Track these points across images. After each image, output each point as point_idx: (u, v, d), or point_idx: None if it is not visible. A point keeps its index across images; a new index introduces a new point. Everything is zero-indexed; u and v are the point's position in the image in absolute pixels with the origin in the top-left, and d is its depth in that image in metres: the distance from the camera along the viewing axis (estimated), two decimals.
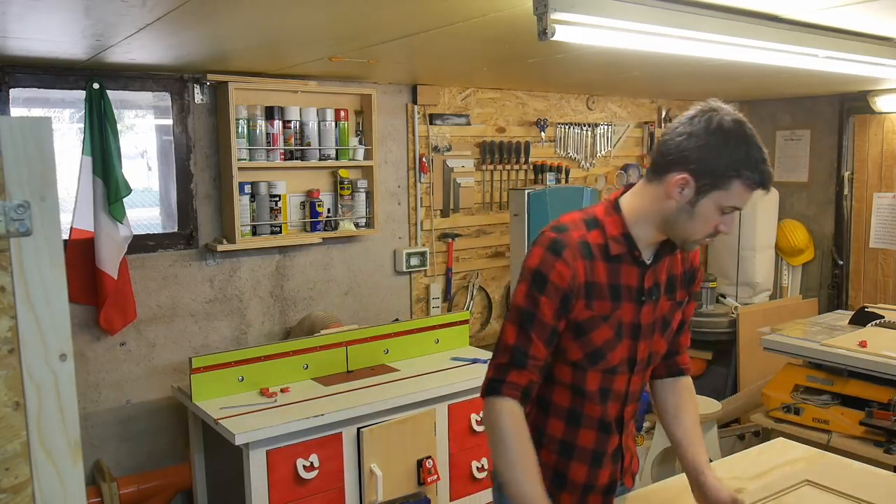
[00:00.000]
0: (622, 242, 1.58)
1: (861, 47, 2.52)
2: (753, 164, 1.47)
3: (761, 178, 1.48)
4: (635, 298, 1.61)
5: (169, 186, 3.30)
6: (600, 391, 1.65)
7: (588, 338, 1.59)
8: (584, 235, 1.57)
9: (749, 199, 1.52)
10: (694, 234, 1.55)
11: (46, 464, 0.90)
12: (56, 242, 0.89)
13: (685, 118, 1.56)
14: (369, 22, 2.17)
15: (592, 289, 1.56)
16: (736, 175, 1.47)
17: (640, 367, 1.67)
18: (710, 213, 1.51)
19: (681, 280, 1.70)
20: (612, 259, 1.58)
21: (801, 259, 5.14)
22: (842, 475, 1.85)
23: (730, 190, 1.48)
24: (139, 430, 3.20)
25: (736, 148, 1.48)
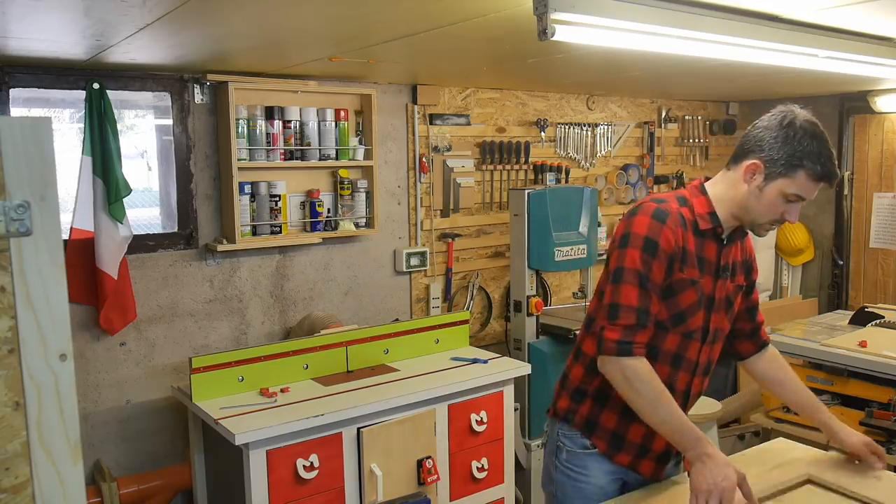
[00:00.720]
0: (708, 220, 1.79)
1: (861, 47, 2.52)
2: (817, 157, 1.67)
3: (824, 171, 1.68)
4: (714, 272, 1.81)
5: (169, 186, 3.30)
6: (674, 356, 1.80)
7: (676, 299, 1.76)
8: (679, 209, 1.78)
9: (813, 190, 1.71)
10: (761, 218, 1.75)
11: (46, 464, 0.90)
12: (56, 242, 0.89)
13: (766, 115, 1.76)
14: (369, 22, 2.17)
15: (686, 255, 1.75)
16: (800, 165, 1.67)
17: (709, 338, 1.84)
18: (776, 199, 1.71)
19: (742, 266, 1.91)
20: (700, 234, 1.78)
21: (801, 259, 5.14)
22: (843, 474, 1.86)
23: (794, 178, 1.69)
24: (139, 430, 3.20)
25: (803, 141, 1.68)
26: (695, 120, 5.08)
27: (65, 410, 0.91)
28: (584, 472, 1.89)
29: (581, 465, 1.90)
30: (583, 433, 1.90)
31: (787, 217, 1.74)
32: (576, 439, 1.91)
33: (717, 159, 5.30)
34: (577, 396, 1.93)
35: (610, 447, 1.87)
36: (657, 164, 4.92)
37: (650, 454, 1.87)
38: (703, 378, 1.91)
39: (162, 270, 3.21)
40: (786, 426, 3.26)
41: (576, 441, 1.91)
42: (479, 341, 4.13)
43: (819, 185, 1.71)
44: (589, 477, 1.89)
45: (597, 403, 1.87)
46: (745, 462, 1.96)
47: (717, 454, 1.62)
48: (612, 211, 4.71)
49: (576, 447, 1.90)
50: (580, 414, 1.90)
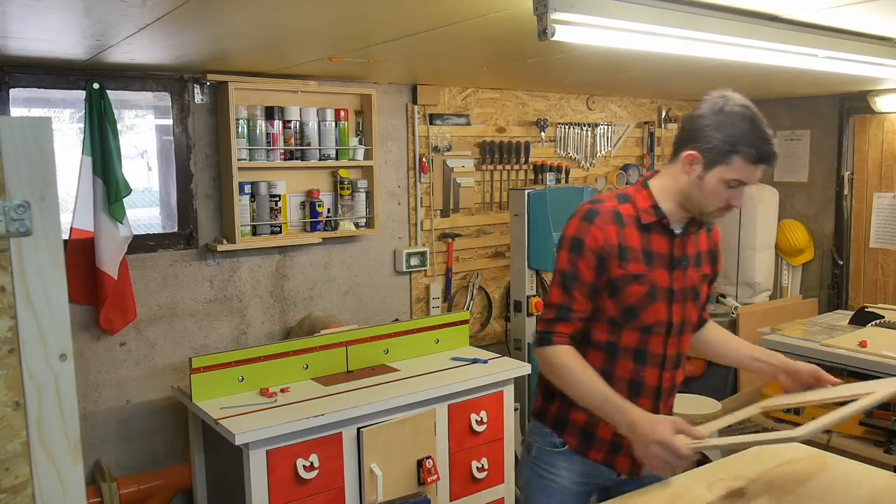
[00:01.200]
0: (651, 213, 1.79)
1: (861, 47, 2.52)
2: (752, 141, 1.66)
3: (759, 153, 1.66)
4: (667, 264, 1.81)
5: (169, 186, 3.30)
6: (636, 351, 1.81)
7: (621, 295, 1.77)
8: (617, 207, 1.79)
9: (753, 173, 1.70)
10: (707, 207, 1.75)
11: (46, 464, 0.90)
12: (56, 242, 0.89)
13: (699, 105, 1.78)
14: (369, 22, 2.17)
15: (625, 251, 1.76)
16: (735, 150, 1.67)
17: (675, 330, 1.84)
18: (718, 187, 1.71)
19: (706, 256, 1.91)
20: (644, 228, 1.79)
21: (801, 259, 5.14)
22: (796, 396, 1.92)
23: (731, 164, 1.68)
24: (139, 430, 3.20)
25: (736, 126, 1.68)
26: None
27: (65, 410, 0.91)
28: (551, 470, 1.91)
29: (548, 464, 1.91)
30: (554, 431, 1.91)
31: (732, 203, 1.74)
32: (546, 437, 1.93)
33: None
34: (547, 395, 1.95)
35: (581, 444, 1.88)
36: (657, 164, 4.92)
37: (623, 449, 1.86)
38: (675, 371, 1.90)
39: (162, 270, 3.21)
40: (786, 426, 3.26)
41: (546, 439, 1.93)
42: (479, 341, 4.13)
43: (758, 167, 1.70)
44: (555, 476, 1.90)
45: (565, 401, 1.86)
46: (745, 462, 1.96)
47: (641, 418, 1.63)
48: None
49: (545, 445, 1.92)
50: (550, 412, 1.93)
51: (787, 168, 5.24)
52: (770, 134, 1.69)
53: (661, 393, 1.88)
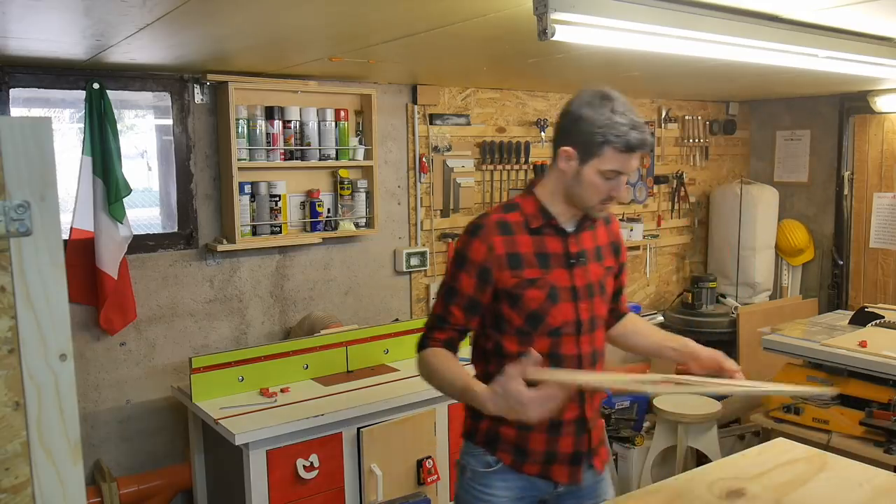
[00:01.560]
0: (539, 216, 1.80)
1: (861, 47, 2.52)
2: (619, 130, 1.66)
3: (628, 141, 1.66)
4: (565, 264, 1.81)
5: (169, 186, 3.30)
6: (550, 356, 1.79)
7: (521, 302, 1.77)
8: (503, 216, 1.80)
9: (627, 162, 1.70)
10: (589, 200, 1.76)
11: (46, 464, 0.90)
12: (56, 242, 0.89)
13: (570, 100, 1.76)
14: (369, 22, 2.17)
15: (515, 259, 1.76)
16: (605, 142, 1.67)
17: (585, 328, 1.83)
18: (595, 180, 1.72)
19: (608, 249, 1.93)
20: (535, 231, 1.79)
21: (801, 259, 5.14)
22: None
23: (603, 156, 1.69)
24: (139, 430, 3.20)
25: (603, 117, 1.67)
26: (695, 120, 5.08)
27: (65, 410, 0.91)
28: (487, 491, 1.85)
29: (484, 485, 1.85)
30: (486, 449, 1.86)
31: (613, 194, 1.74)
32: (479, 457, 1.86)
33: (716, 159, 5.30)
34: (475, 413, 1.87)
35: (515, 459, 1.83)
36: (657, 164, 4.92)
37: (558, 458, 1.83)
38: (594, 370, 1.87)
39: (162, 270, 3.21)
40: (786, 426, 3.26)
41: (479, 459, 1.86)
42: None
43: (631, 155, 1.69)
44: (492, 497, 1.84)
45: (493, 419, 1.78)
46: (745, 462, 1.96)
47: (486, 390, 1.60)
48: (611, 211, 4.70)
49: (479, 466, 1.86)
50: (480, 430, 1.87)
51: (787, 168, 5.24)
52: (638, 122, 1.68)
53: (583, 393, 1.83)
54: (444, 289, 1.81)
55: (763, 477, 1.86)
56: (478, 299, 1.78)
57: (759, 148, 5.44)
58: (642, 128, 1.69)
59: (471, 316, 1.80)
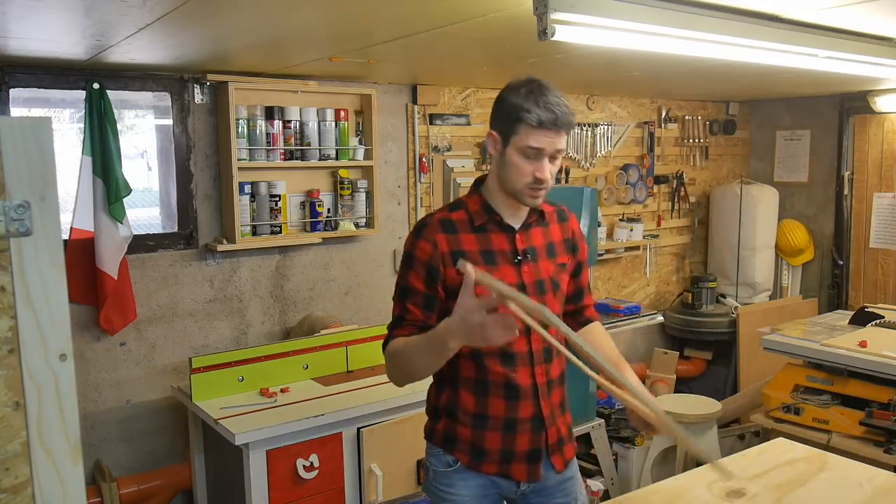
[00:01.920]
0: (482, 213, 1.81)
1: (861, 47, 2.52)
2: (531, 106, 1.68)
3: (540, 116, 1.67)
4: (512, 260, 1.80)
5: (169, 186, 3.30)
6: (501, 353, 1.78)
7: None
8: (447, 215, 1.82)
9: (543, 137, 1.69)
10: (516, 184, 1.75)
11: (46, 464, 0.90)
12: (56, 242, 0.89)
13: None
14: (369, 22, 2.17)
15: (459, 256, 1.75)
16: (518, 119, 1.70)
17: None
18: (518, 160, 1.72)
19: (562, 246, 1.90)
20: (479, 229, 1.80)
21: (801, 259, 5.14)
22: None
23: (520, 133, 1.70)
24: (139, 430, 3.20)
25: (518, 97, 1.70)
26: (695, 120, 5.08)
27: (65, 410, 0.91)
28: (450, 490, 1.86)
29: (447, 484, 1.87)
30: (444, 450, 1.87)
31: (538, 175, 1.72)
32: (440, 457, 1.88)
33: (716, 159, 5.30)
34: (433, 414, 1.93)
35: (472, 459, 1.83)
36: (657, 164, 4.92)
37: (516, 457, 1.83)
38: (548, 366, 1.85)
39: (162, 270, 3.21)
40: (786, 426, 3.26)
41: (440, 459, 1.88)
42: None
43: (547, 131, 1.68)
44: (455, 496, 1.85)
45: (449, 418, 1.85)
46: (745, 462, 1.96)
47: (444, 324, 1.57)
48: (612, 211, 4.72)
49: (440, 465, 1.88)
50: (437, 431, 1.89)
51: (787, 168, 5.24)
52: (553, 100, 1.68)
53: (538, 391, 1.82)
54: (398, 291, 1.82)
55: (763, 477, 1.86)
56: (431, 295, 1.78)
57: (759, 148, 5.44)
58: (556, 106, 1.69)
59: (428, 312, 1.79)
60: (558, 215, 1.93)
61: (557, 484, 1.90)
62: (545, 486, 1.88)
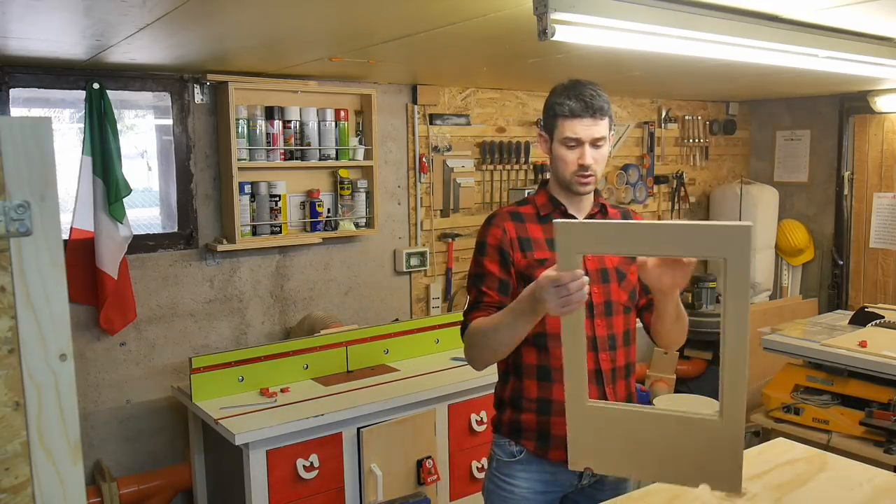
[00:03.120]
0: (549, 205, 1.92)
1: (861, 47, 2.52)
2: (563, 99, 1.80)
3: (570, 106, 1.79)
4: None
5: (169, 186, 3.30)
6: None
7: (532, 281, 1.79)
8: (515, 208, 1.94)
9: (577, 127, 1.80)
10: (565, 174, 1.86)
11: (46, 464, 0.90)
12: (56, 242, 0.89)
13: None
14: (369, 22, 2.17)
15: (527, 242, 1.87)
16: (554, 113, 1.83)
17: (598, 310, 1.86)
18: (561, 152, 1.84)
19: None
20: (544, 219, 1.90)
21: (801, 259, 5.14)
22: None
23: (558, 126, 1.83)
24: (139, 430, 3.20)
25: (555, 95, 1.84)
26: (695, 120, 5.08)
27: (65, 410, 0.91)
28: (510, 481, 1.92)
29: (507, 475, 1.92)
30: (511, 439, 1.93)
31: (581, 162, 1.82)
32: (505, 447, 1.94)
33: (716, 159, 5.30)
34: (499, 406, 1.99)
35: (538, 446, 1.89)
36: (657, 164, 4.92)
37: None
38: (613, 353, 1.88)
39: (162, 270, 3.21)
40: (786, 426, 3.26)
41: (505, 449, 1.94)
42: None
43: (580, 119, 1.79)
44: (514, 487, 1.91)
45: (514, 409, 1.92)
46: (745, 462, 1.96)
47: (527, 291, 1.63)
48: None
49: (504, 456, 1.94)
50: (504, 421, 1.95)
51: (787, 168, 5.24)
52: (584, 92, 1.79)
53: (602, 376, 1.86)
54: (473, 277, 1.90)
55: (763, 477, 1.86)
56: (505, 279, 1.86)
57: (759, 148, 5.44)
58: (584, 95, 1.79)
59: (503, 295, 1.86)
60: (623, 214, 2.01)
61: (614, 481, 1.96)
62: (602, 481, 1.94)
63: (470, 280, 1.92)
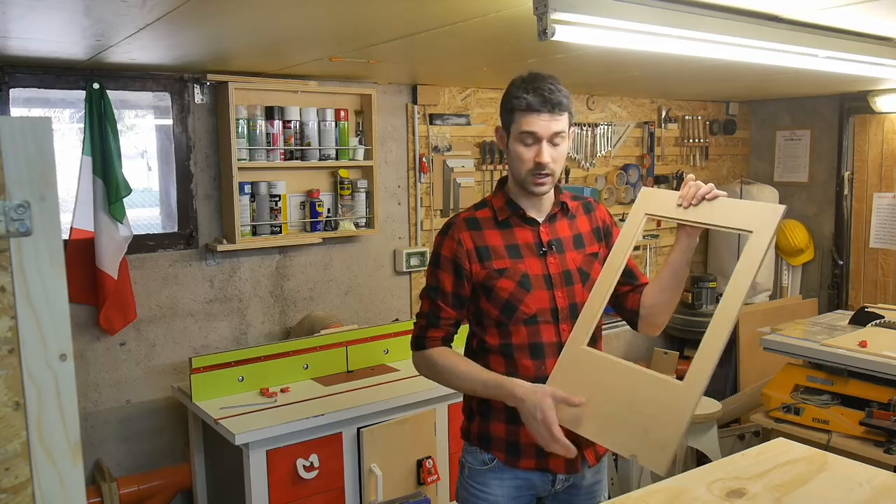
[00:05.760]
0: (506, 209, 1.86)
1: (861, 47, 2.52)
2: (519, 93, 1.74)
3: (527, 101, 1.73)
4: (536, 252, 1.85)
5: (169, 186, 3.30)
6: (530, 346, 1.82)
7: (494, 293, 1.82)
8: (472, 214, 1.89)
9: (536, 122, 1.73)
10: (520, 172, 1.80)
11: (46, 464, 0.90)
12: (56, 242, 0.89)
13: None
14: (369, 22, 2.17)
15: (484, 251, 1.83)
16: (512, 108, 1.76)
17: (563, 315, 1.85)
18: (519, 149, 1.78)
19: (591, 236, 1.94)
20: (503, 224, 1.86)
21: (801, 259, 5.14)
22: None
23: (515, 121, 1.77)
24: (139, 430, 3.20)
25: (513, 87, 1.78)
26: (695, 120, 5.08)
27: (65, 410, 0.91)
28: (483, 489, 1.89)
29: (480, 483, 1.90)
30: (481, 448, 1.91)
31: (538, 160, 1.76)
32: (476, 455, 1.92)
33: (716, 159, 5.30)
34: (467, 414, 1.97)
35: (509, 455, 1.87)
36: (657, 164, 4.92)
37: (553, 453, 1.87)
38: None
39: (162, 270, 3.21)
40: (786, 426, 3.26)
41: (476, 457, 1.92)
42: None
43: (537, 114, 1.73)
44: (488, 495, 1.89)
45: (483, 417, 1.90)
46: (745, 462, 1.96)
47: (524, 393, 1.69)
48: (612, 211, 4.70)
49: (476, 463, 1.92)
50: (473, 430, 1.93)
51: (787, 168, 5.24)
52: (543, 85, 1.73)
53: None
54: (428, 289, 1.89)
55: (763, 477, 1.86)
56: (460, 294, 1.85)
57: (759, 148, 5.44)
58: (543, 90, 1.73)
59: (460, 310, 1.87)
60: (584, 207, 1.98)
61: (589, 486, 1.94)
62: (578, 486, 1.93)
63: (425, 289, 1.90)
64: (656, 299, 1.90)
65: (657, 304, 1.90)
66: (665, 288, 1.87)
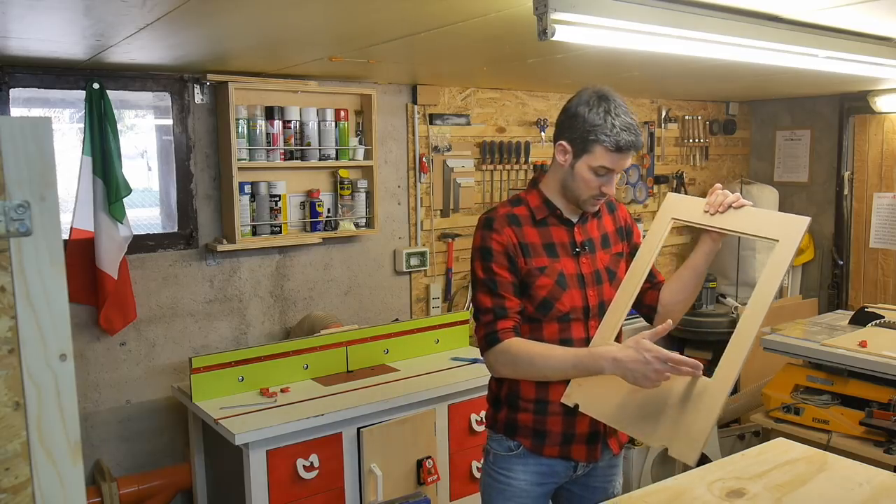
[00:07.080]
0: (544, 208, 1.90)
1: (861, 47, 2.52)
2: (609, 130, 1.74)
3: (616, 141, 1.75)
4: (571, 252, 1.91)
5: (169, 186, 3.30)
6: (560, 342, 1.86)
7: (532, 290, 1.86)
8: (510, 210, 1.90)
9: (618, 160, 1.78)
10: (581, 194, 1.85)
11: (46, 464, 0.90)
12: (56, 242, 0.89)
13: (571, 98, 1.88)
14: (369, 22, 2.17)
15: (526, 248, 1.86)
16: (595, 140, 1.76)
17: (593, 313, 1.92)
18: (587, 175, 1.81)
19: (615, 236, 2.02)
20: (540, 223, 1.89)
21: (801, 259, 5.14)
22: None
23: (594, 153, 1.78)
24: (139, 430, 3.20)
25: (595, 116, 1.76)
26: (695, 120, 5.08)
27: (65, 410, 0.91)
28: (508, 474, 1.95)
29: (505, 468, 1.95)
30: (507, 436, 1.96)
31: (604, 190, 1.83)
32: (501, 442, 1.98)
33: (716, 159, 5.30)
34: (494, 404, 2.01)
35: (535, 443, 1.92)
36: (657, 164, 4.92)
37: (576, 438, 1.92)
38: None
39: (162, 270, 3.21)
40: (786, 426, 3.26)
41: (501, 444, 1.97)
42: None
43: (622, 154, 1.77)
44: (511, 479, 1.94)
45: (511, 407, 1.95)
46: (745, 462, 1.96)
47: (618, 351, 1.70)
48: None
49: (501, 450, 1.97)
50: (499, 420, 1.98)
51: (787, 168, 5.24)
52: (631, 123, 1.77)
53: None
54: (484, 284, 1.87)
55: (763, 477, 1.86)
56: (517, 282, 1.86)
57: (759, 148, 5.44)
58: (634, 129, 1.77)
59: (520, 298, 1.88)
60: (608, 206, 2.03)
61: (606, 468, 2.02)
62: (595, 467, 1.99)
63: (481, 287, 1.88)
64: (676, 297, 2.00)
65: (676, 303, 2.00)
66: (684, 288, 1.98)
